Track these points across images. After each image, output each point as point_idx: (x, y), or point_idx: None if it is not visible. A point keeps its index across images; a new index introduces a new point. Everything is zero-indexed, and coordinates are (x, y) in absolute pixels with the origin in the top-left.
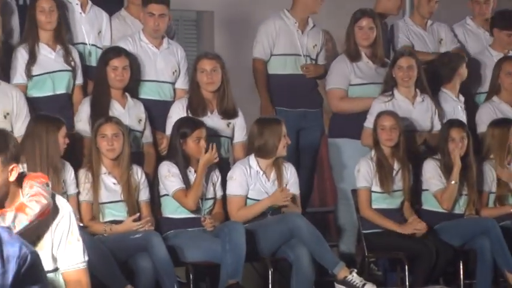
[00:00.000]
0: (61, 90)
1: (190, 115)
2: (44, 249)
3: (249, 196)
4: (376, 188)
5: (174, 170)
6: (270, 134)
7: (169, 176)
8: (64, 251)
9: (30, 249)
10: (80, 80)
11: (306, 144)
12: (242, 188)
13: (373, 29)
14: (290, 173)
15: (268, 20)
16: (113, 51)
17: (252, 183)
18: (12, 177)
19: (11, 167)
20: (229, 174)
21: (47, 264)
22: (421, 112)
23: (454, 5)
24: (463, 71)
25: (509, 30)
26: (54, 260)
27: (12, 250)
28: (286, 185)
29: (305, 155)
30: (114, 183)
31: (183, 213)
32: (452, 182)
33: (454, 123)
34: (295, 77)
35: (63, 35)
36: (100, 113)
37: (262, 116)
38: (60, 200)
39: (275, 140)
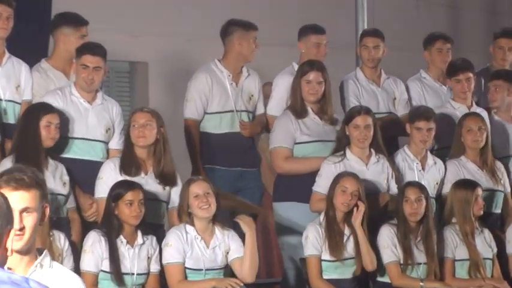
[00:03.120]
0: None
1: (122, 174)
2: None
3: (186, 265)
4: (326, 256)
5: (97, 246)
6: (184, 195)
7: (88, 252)
8: None
9: None
10: None
11: None
12: (179, 255)
13: (322, 83)
14: (232, 240)
15: (198, 74)
16: (45, 108)
17: (189, 250)
18: (45, 217)
19: (44, 205)
20: (164, 241)
21: None
22: (374, 174)
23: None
24: None
25: (455, 77)
26: None
27: None
28: (227, 252)
29: None
30: None
31: (110, 286)
32: (421, 283)
33: (412, 183)
34: (231, 135)
35: None
36: None
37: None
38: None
39: (188, 201)
